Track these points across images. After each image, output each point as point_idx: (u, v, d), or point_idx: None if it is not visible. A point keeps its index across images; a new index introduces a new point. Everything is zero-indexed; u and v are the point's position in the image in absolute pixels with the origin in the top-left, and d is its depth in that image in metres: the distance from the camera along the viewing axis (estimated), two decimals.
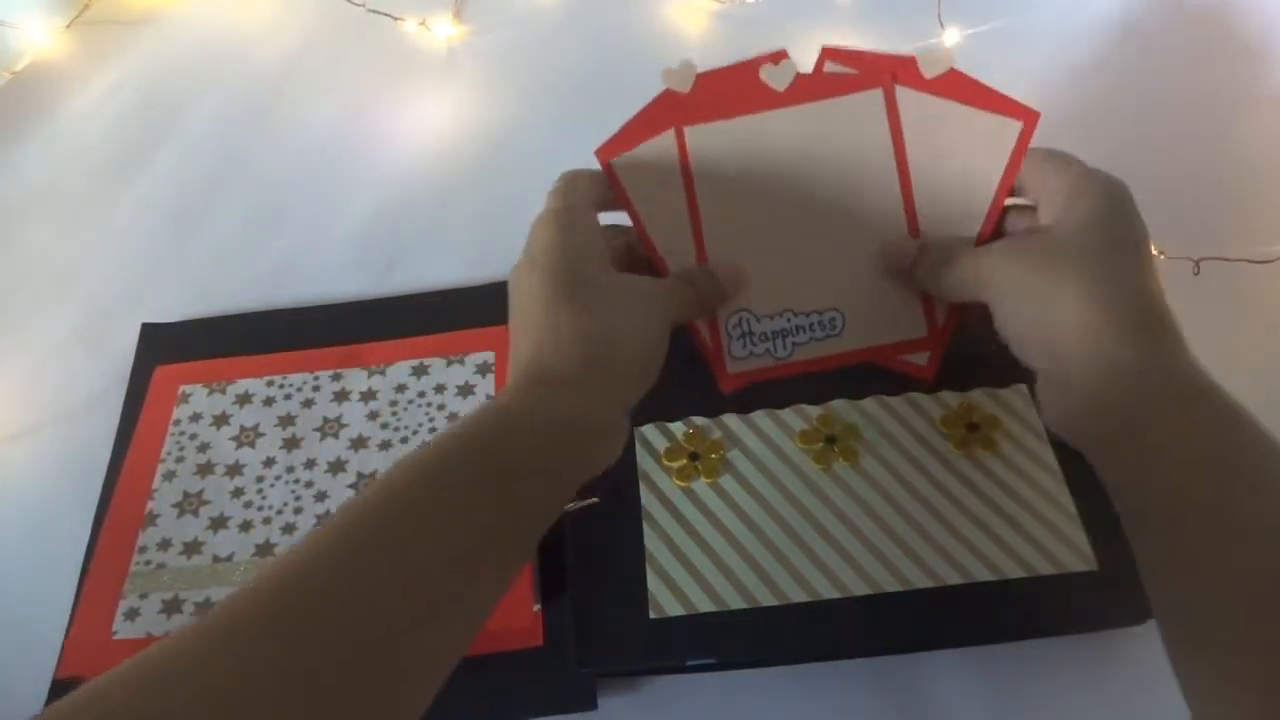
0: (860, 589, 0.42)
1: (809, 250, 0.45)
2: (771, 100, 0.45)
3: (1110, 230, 0.39)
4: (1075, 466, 0.43)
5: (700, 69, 0.45)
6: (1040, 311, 0.38)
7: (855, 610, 0.41)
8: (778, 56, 0.45)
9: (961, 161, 0.44)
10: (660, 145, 0.45)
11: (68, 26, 0.75)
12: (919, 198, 0.44)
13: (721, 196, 0.45)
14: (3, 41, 0.72)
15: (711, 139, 0.45)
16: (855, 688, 0.43)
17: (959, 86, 0.44)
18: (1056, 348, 0.38)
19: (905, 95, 0.45)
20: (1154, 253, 0.51)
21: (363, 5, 0.73)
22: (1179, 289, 0.52)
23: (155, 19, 0.76)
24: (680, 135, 0.45)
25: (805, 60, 0.45)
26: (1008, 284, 0.40)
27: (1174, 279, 0.53)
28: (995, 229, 0.44)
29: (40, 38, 0.74)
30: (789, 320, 0.45)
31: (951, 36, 0.64)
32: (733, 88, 0.45)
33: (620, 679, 0.43)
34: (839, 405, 0.47)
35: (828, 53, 0.45)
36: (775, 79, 0.45)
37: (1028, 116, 0.44)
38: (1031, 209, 0.43)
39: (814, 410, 0.47)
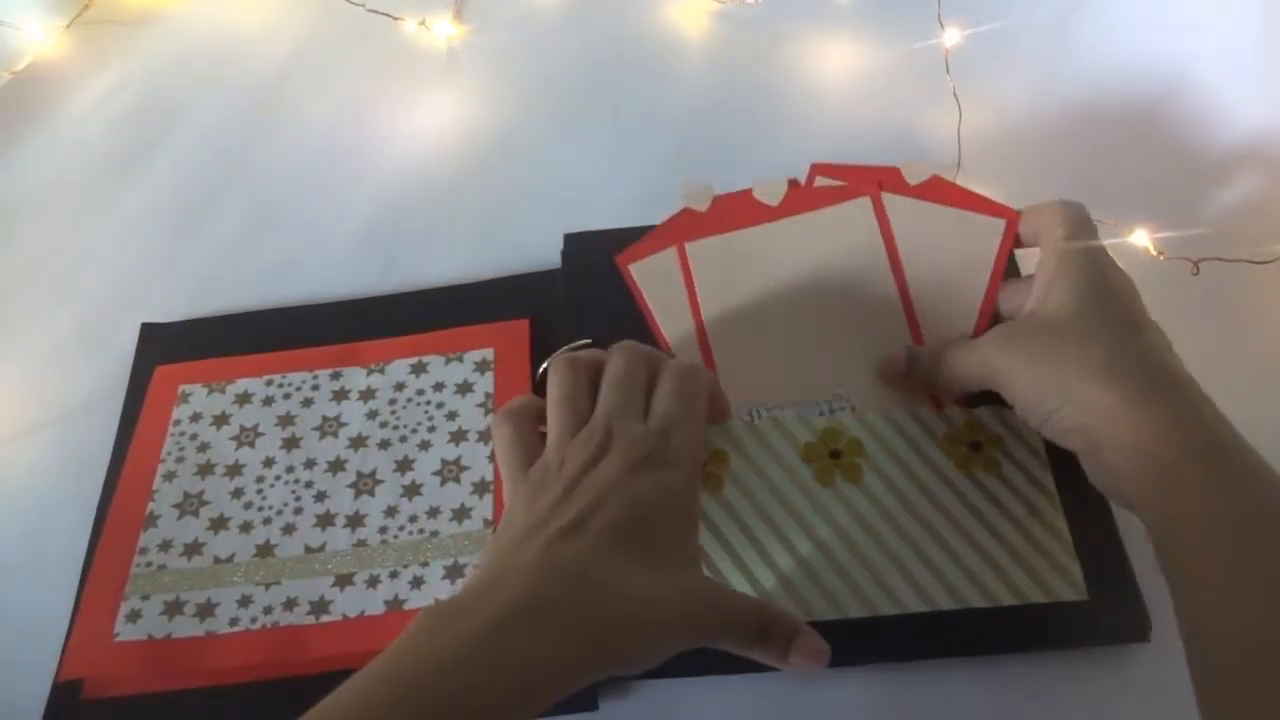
0: (855, 611, 0.42)
1: (813, 344, 0.48)
2: (766, 214, 0.50)
3: (1096, 304, 0.41)
4: (1072, 490, 0.43)
5: (718, 192, 0.51)
6: (1052, 400, 0.40)
7: (849, 631, 0.41)
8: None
9: (952, 258, 0.49)
10: (665, 258, 0.50)
11: (68, 26, 0.75)
12: (915, 293, 0.49)
13: (723, 303, 0.49)
14: (3, 41, 0.72)
15: (710, 252, 0.50)
16: (856, 691, 0.43)
17: (942, 191, 0.50)
18: (1080, 429, 0.40)
19: (892, 201, 0.50)
20: (1156, 253, 0.51)
21: (363, 5, 0.73)
22: (1178, 290, 0.53)
23: (155, 19, 0.76)
24: (681, 250, 0.50)
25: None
26: (1011, 375, 0.42)
27: (1173, 279, 0.53)
28: (992, 312, 0.48)
29: (40, 38, 0.73)
30: (800, 410, 0.47)
31: (951, 37, 0.64)
32: (731, 206, 0.51)
33: (620, 679, 0.44)
34: (844, 418, 0.47)
35: (817, 168, 0.51)
36: (768, 196, 0.51)
37: (1010, 215, 0.48)
38: (1025, 283, 0.46)
39: (820, 422, 0.47)
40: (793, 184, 0.51)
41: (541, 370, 0.47)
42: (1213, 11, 0.67)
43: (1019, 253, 0.52)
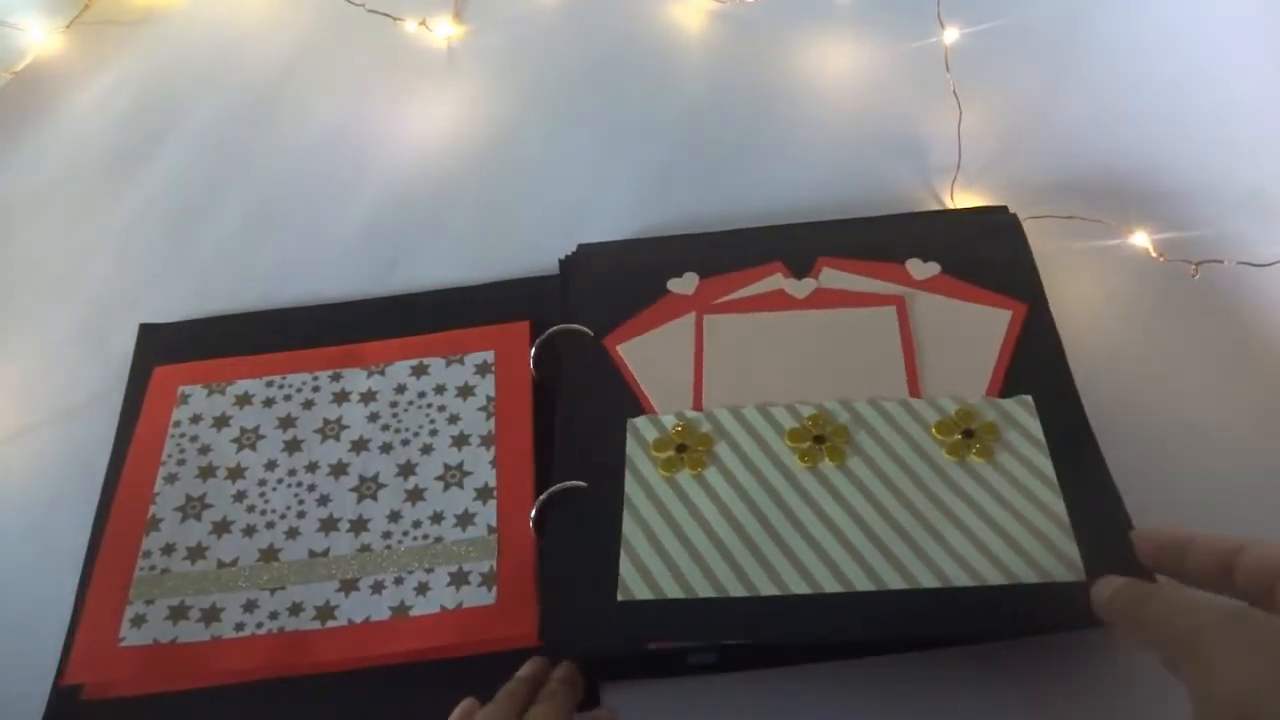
0: (831, 585, 0.42)
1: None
2: (790, 304, 0.51)
3: None
4: (1073, 478, 0.43)
5: (701, 278, 0.52)
6: None
7: (825, 606, 0.41)
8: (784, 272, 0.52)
9: (960, 346, 0.49)
10: (676, 328, 0.51)
11: (68, 26, 0.75)
12: (921, 371, 0.49)
13: (728, 375, 0.49)
14: (3, 41, 0.72)
15: (728, 326, 0.51)
16: (857, 689, 0.43)
17: (949, 286, 0.51)
18: None
19: (913, 296, 0.51)
20: (1156, 255, 0.51)
21: (363, 5, 0.73)
22: (1178, 291, 0.53)
23: (155, 19, 0.76)
24: (700, 320, 0.51)
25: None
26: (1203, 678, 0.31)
27: (1173, 281, 0.53)
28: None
29: (40, 38, 0.73)
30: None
31: (951, 35, 0.64)
32: (748, 290, 0.52)
33: (621, 680, 0.44)
34: (832, 406, 0.47)
35: (824, 261, 0.52)
36: (796, 290, 0.52)
37: (1016, 307, 0.49)
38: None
39: (806, 409, 0.47)
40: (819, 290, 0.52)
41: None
42: (1213, 11, 0.67)
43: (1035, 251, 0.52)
